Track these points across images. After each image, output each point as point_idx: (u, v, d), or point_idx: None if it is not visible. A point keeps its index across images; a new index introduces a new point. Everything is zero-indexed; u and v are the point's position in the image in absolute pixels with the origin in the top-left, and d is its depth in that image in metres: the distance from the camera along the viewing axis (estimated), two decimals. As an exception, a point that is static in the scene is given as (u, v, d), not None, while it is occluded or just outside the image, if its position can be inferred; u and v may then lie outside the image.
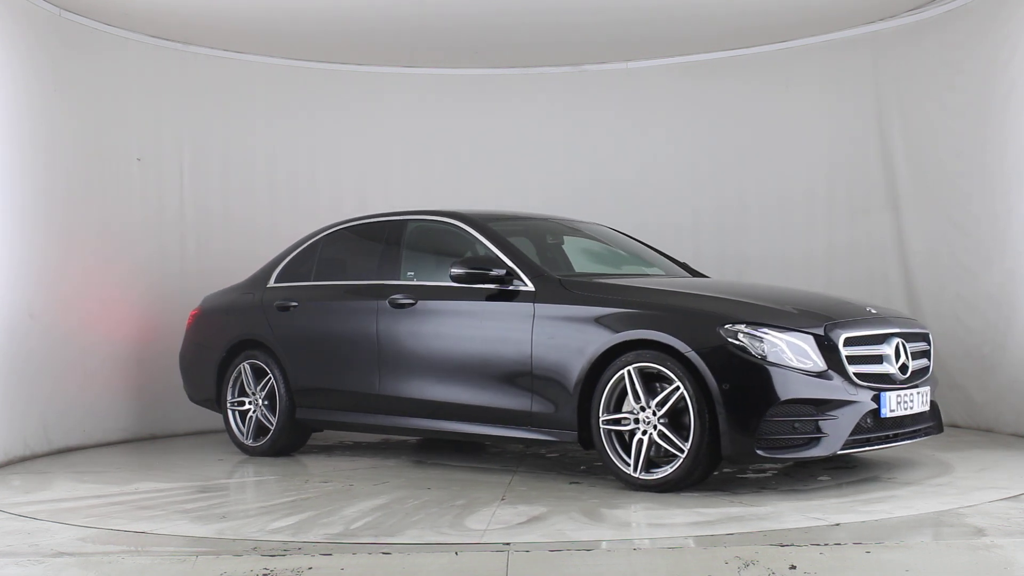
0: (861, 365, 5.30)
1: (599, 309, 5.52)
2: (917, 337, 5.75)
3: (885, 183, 8.15)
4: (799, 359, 5.14)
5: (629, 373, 5.31)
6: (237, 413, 7.17)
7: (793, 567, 3.82)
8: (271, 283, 7.22)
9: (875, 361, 5.38)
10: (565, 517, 4.76)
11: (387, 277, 6.55)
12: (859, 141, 8.32)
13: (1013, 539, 4.14)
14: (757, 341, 5.12)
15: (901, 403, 5.36)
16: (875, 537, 4.20)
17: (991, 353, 7.24)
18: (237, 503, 5.57)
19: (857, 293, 7.32)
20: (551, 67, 9.22)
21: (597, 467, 6.03)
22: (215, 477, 6.36)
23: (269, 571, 3.95)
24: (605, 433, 5.39)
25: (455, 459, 6.72)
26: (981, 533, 4.24)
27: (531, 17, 7.94)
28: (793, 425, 5.07)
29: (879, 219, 8.18)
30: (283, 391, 6.88)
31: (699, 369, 5.11)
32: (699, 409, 5.09)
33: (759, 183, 8.75)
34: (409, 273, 6.52)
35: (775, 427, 5.04)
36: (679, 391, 5.15)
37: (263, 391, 7.02)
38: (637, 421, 5.28)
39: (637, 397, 5.28)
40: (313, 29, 8.17)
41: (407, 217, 6.79)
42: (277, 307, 7.02)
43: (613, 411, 5.38)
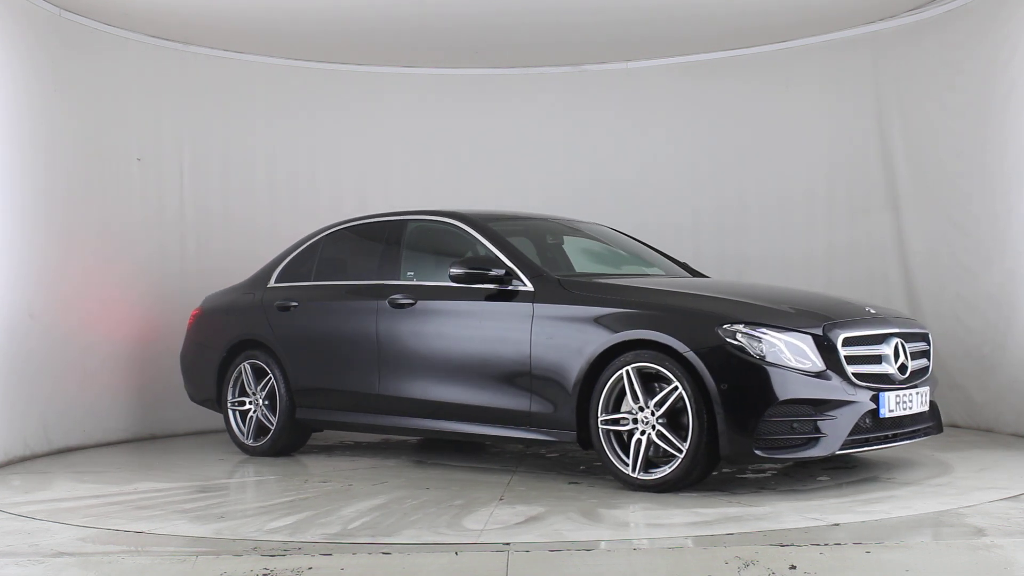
0: (860, 365, 5.30)
1: (598, 309, 5.52)
2: (916, 337, 5.75)
3: (885, 183, 8.15)
4: (797, 359, 5.13)
5: (628, 373, 5.30)
6: (237, 413, 7.17)
7: (793, 567, 3.82)
8: (271, 283, 7.23)
9: (874, 361, 5.38)
10: (563, 517, 4.76)
11: (387, 277, 6.55)
12: (859, 141, 8.32)
13: (1013, 539, 4.14)
14: (755, 341, 5.12)
15: (900, 403, 5.36)
16: (875, 537, 4.20)
17: (991, 353, 7.24)
18: (236, 503, 5.57)
19: (857, 293, 7.32)
20: (551, 67, 9.23)
21: (597, 467, 6.03)
22: (215, 477, 6.36)
23: (269, 571, 3.95)
24: (604, 433, 5.39)
25: (455, 459, 6.73)
26: (981, 533, 4.24)
27: (531, 17, 7.94)
28: (791, 425, 5.06)
29: (879, 219, 8.18)
30: (283, 391, 6.88)
31: (697, 369, 5.10)
32: (697, 409, 5.08)
33: (759, 183, 8.75)
34: (409, 273, 6.52)
35: (773, 427, 5.04)
36: (677, 391, 5.15)
37: (263, 391, 7.02)
38: (636, 421, 5.28)
39: (636, 397, 5.28)
40: (313, 29, 8.17)
41: (407, 217, 6.80)
42: (277, 307, 7.02)
43: (612, 411, 5.38)
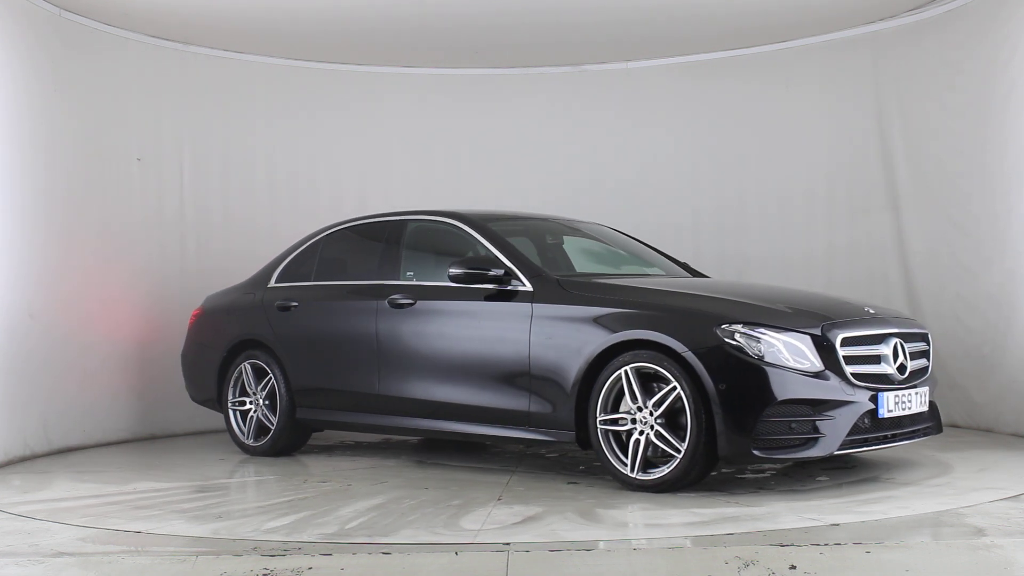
0: (859, 365, 5.29)
1: (597, 309, 5.52)
2: (916, 337, 5.74)
3: (885, 183, 8.15)
4: (796, 359, 5.13)
5: (626, 373, 5.30)
6: (238, 413, 7.17)
7: (793, 567, 3.82)
8: (272, 283, 7.23)
9: (873, 361, 5.37)
10: (560, 517, 4.76)
11: (387, 277, 6.55)
12: (859, 141, 8.31)
13: (1013, 539, 4.14)
14: (754, 341, 5.11)
15: (899, 403, 5.35)
16: (875, 537, 4.20)
17: (991, 353, 7.24)
18: (234, 503, 5.57)
19: (857, 293, 7.32)
20: (551, 67, 9.22)
21: (596, 467, 6.03)
22: (214, 477, 6.36)
23: (269, 571, 3.95)
24: (602, 433, 5.39)
25: (455, 459, 6.73)
26: (981, 533, 4.24)
27: (531, 17, 7.94)
28: (790, 425, 5.05)
29: (879, 219, 8.18)
30: (283, 391, 6.88)
31: (696, 369, 5.10)
32: (696, 409, 5.08)
33: (759, 183, 8.75)
34: (409, 273, 6.52)
35: (772, 427, 5.03)
36: (676, 391, 5.15)
37: (264, 391, 7.02)
38: (634, 421, 5.28)
39: (634, 397, 5.27)
40: (313, 29, 8.17)
41: (407, 217, 6.80)
42: (278, 307, 7.02)
43: (610, 411, 5.37)
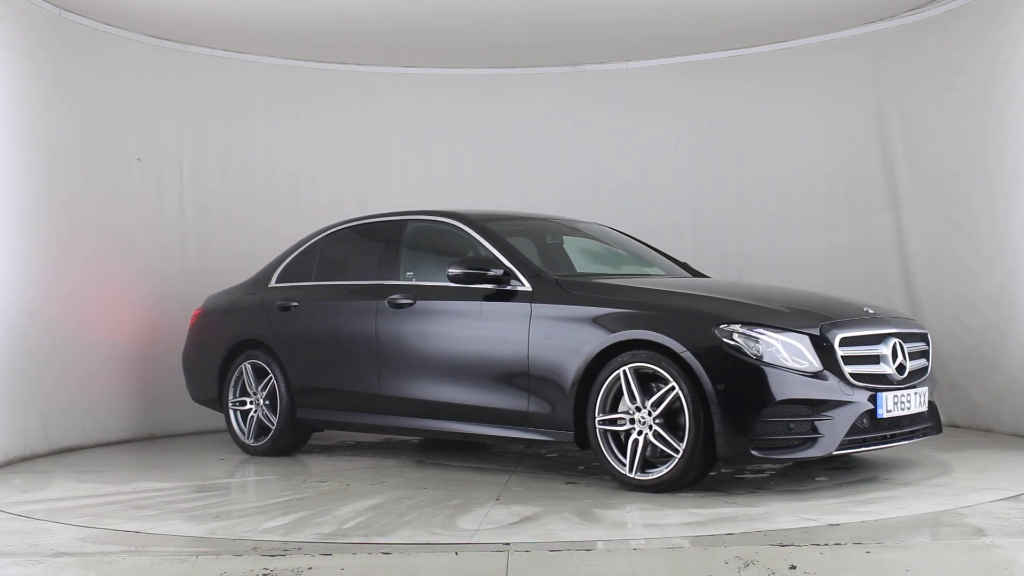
0: (857, 365, 5.28)
1: (595, 309, 5.52)
2: (915, 337, 5.73)
3: (885, 183, 8.15)
4: (794, 359, 5.12)
5: (625, 373, 5.30)
6: (238, 413, 7.17)
7: (793, 567, 3.82)
8: (272, 283, 7.23)
9: (872, 361, 5.36)
10: (558, 517, 4.76)
11: (386, 277, 6.55)
12: (859, 141, 8.31)
13: (1013, 539, 4.14)
14: (752, 341, 5.11)
15: (898, 403, 5.34)
16: (875, 537, 4.20)
17: (991, 353, 7.24)
18: (232, 503, 5.57)
19: (857, 293, 7.32)
20: (551, 67, 9.22)
21: (595, 467, 6.03)
22: (214, 477, 6.36)
23: (269, 571, 3.95)
24: (601, 433, 5.38)
25: (455, 459, 6.73)
26: (981, 533, 4.24)
27: (531, 17, 7.94)
28: (788, 425, 5.05)
29: (879, 219, 8.18)
30: (284, 391, 6.88)
31: (694, 369, 5.09)
32: (694, 409, 5.07)
33: (759, 183, 8.75)
34: (408, 273, 6.52)
35: (770, 427, 5.03)
36: (674, 391, 5.14)
37: (264, 391, 7.02)
38: (633, 421, 5.27)
39: (633, 397, 5.27)
40: (313, 29, 8.17)
41: (407, 217, 6.80)
42: (278, 307, 7.02)
43: (609, 411, 5.37)
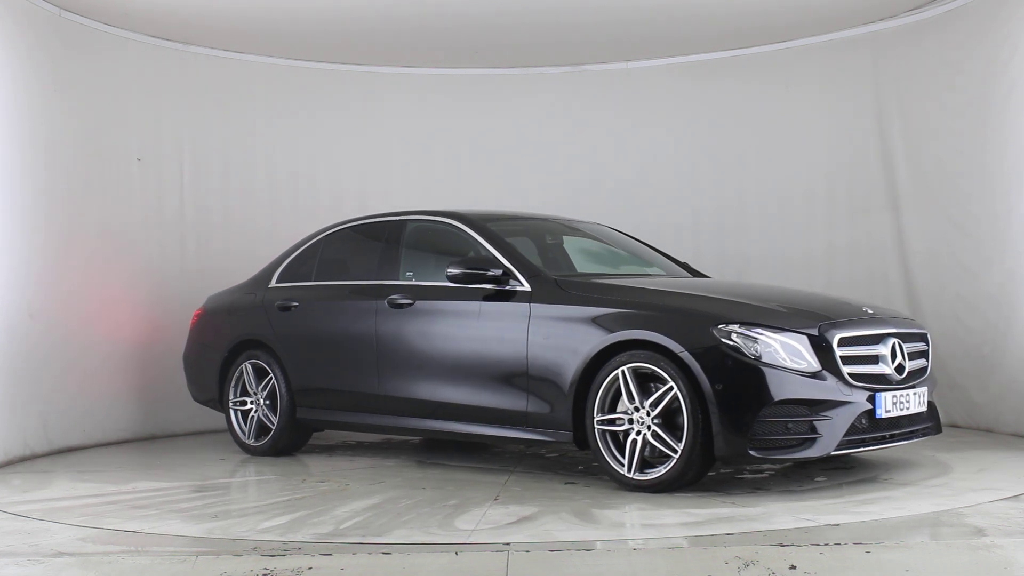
0: (856, 365, 5.28)
1: (594, 309, 5.51)
2: (915, 337, 5.73)
3: (885, 183, 8.15)
4: (793, 359, 5.12)
5: (623, 373, 5.30)
6: (239, 413, 7.18)
7: (793, 567, 3.82)
8: (273, 283, 7.23)
9: (871, 361, 5.36)
10: (555, 517, 4.75)
11: (386, 277, 6.55)
12: (859, 141, 8.31)
13: (1013, 539, 4.14)
14: (751, 341, 5.10)
15: (897, 403, 5.33)
16: (875, 537, 4.20)
17: (991, 353, 7.24)
18: (231, 502, 5.57)
19: (857, 293, 7.32)
20: (551, 67, 9.23)
21: (594, 467, 6.02)
22: (214, 477, 6.36)
23: (269, 571, 3.95)
24: (599, 433, 5.38)
25: (455, 459, 6.73)
26: (981, 533, 4.24)
27: (531, 17, 7.94)
28: (787, 426, 5.04)
29: (879, 219, 8.18)
30: (284, 391, 6.88)
31: (692, 369, 5.09)
32: (692, 409, 5.07)
33: (759, 183, 8.75)
34: (408, 273, 6.52)
35: (768, 428, 5.02)
36: (673, 391, 5.14)
37: (264, 391, 7.03)
38: (631, 421, 5.27)
39: (631, 397, 5.27)
40: (313, 29, 8.17)
41: (406, 217, 6.80)
42: (278, 307, 7.02)
43: (608, 411, 5.37)
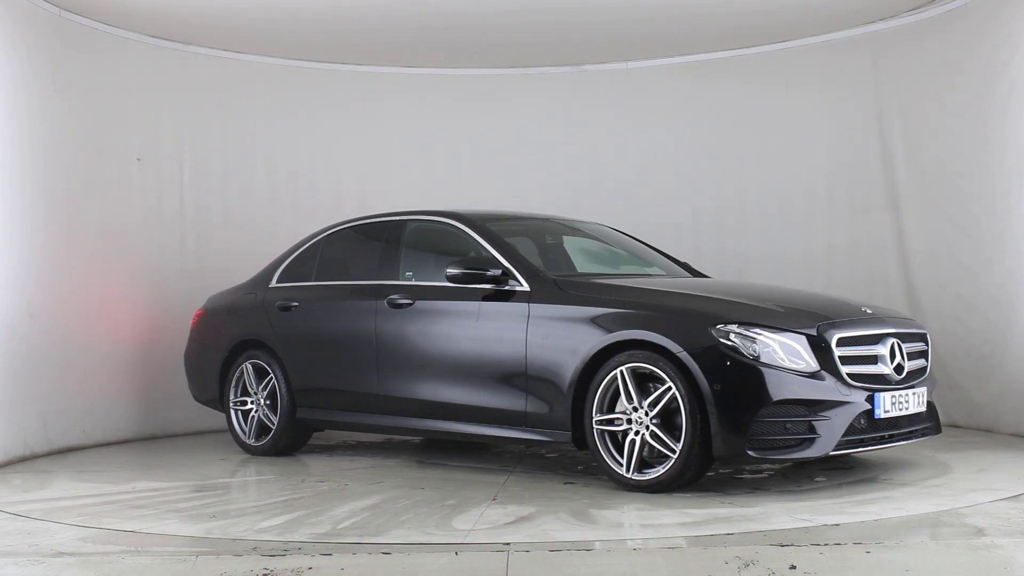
0: (855, 365, 5.28)
1: (593, 309, 5.51)
2: (914, 337, 5.72)
3: (885, 183, 8.15)
4: (791, 359, 5.11)
5: (622, 373, 5.29)
6: (239, 413, 7.18)
7: (793, 567, 3.82)
8: (273, 283, 7.23)
9: (869, 361, 5.36)
10: (553, 518, 4.75)
11: (386, 277, 6.55)
12: (859, 141, 8.31)
13: (1013, 539, 4.14)
14: (749, 341, 5.10)
15: (896, 404, 5.33)
16: (875, 537, 4.20)
17: (991, 353, 7.23)
18: (230, 502, 5.57)
19: (857, 293, 7.32)
20: (551, 67, 9.22)
21: (594, 468, 6.02)
22: (214, 476, 6.36)
23: (269, 571, 3.95)
24: (598, 433, 5.38)
25: (456, 459, 6.73)
26: (981, 533, 4.24)
27: (531, 17, 7.94)
28: (785, 426, 5.04)
29: (879, 219, 8.18)
30: (284, 391, 6.88)
31: (691, 369, 5.09)
32: (691, 410, 5.07)
33: (759, 183, 8.75)
34: (408, 273, 6.52)
35: (767, 428, 5.02)
36: (671, 391, 5.14)
37: (265, 391, 7.03)
38: (630, 421, 5.27)
39: (630, 397, 5.27)
40: (313, 29, 8.17)
41: (406, 217, 6.80)
42: (279, 307, 7.02)
43: (606, 411, 5.37)
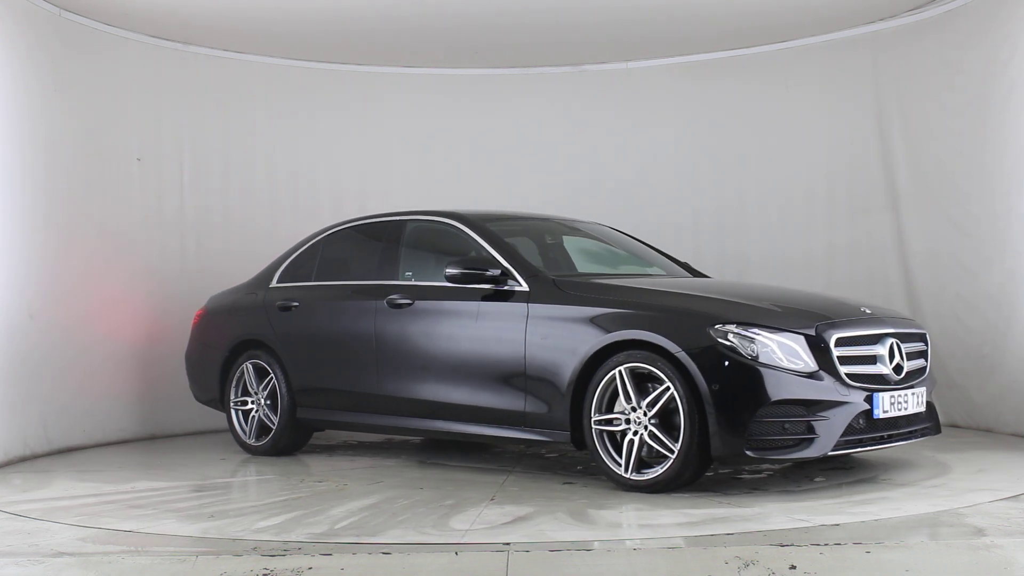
0: (854, 365, 5.27)
1: (592, 309, 5.51)
2: (913, 337, 5.72)
3: (885, 183, 8.15)
4: (790, 359, 5.11)
5: (620, 373, 5.29)
6: (240, 412, 7.18)
7: (793, 567, 3.82)
8: (273, 283, 7.23)
9: (868, 361, 5.35)
10: (550, 518, 4.75)
11: (386, 277, 6.55)
12: (859, 141, 8.31)
13: (1013, 539, 4.14)
14: (748, 341, 5.10)
15: (895, 404, 5.32)
16: (875, 537, 4.20)
17: (991, 353, 7.23)
18: (229, 502, 5.57)
19: (857, 293, 7.32)
20: (551, 67, 9.22)
21: (593, 468, 6.01)
22: (214, 476, 6.36)
23: (269, 571, 3.95)
24: (597, 433, 5.38)
25: (455, 459, 6.73)
26: (981, 533, 4.24)
27: (531, 17, 7.94)
28: (783, 426, 5.04)
29: (879, 219, 8.18)
30: (284, 391, 6.89)
31: (689, 370, 5.09)
32: (689, 410, 5.07)
33: (759, 183, 8.75)
34: (407, 273, 6.52)
35: (765, 428, 5.02)
36: (669, 391, 5.14)
37: (265, 391, 7.03)
38: (628, 421, 5.28)
39: (628, 397, 5.27)
40: (313, 29, 8.17)
41: (406, 217, 6.80)
42: (279, 307, 7.02)
43: (605, 411, 5.37)
